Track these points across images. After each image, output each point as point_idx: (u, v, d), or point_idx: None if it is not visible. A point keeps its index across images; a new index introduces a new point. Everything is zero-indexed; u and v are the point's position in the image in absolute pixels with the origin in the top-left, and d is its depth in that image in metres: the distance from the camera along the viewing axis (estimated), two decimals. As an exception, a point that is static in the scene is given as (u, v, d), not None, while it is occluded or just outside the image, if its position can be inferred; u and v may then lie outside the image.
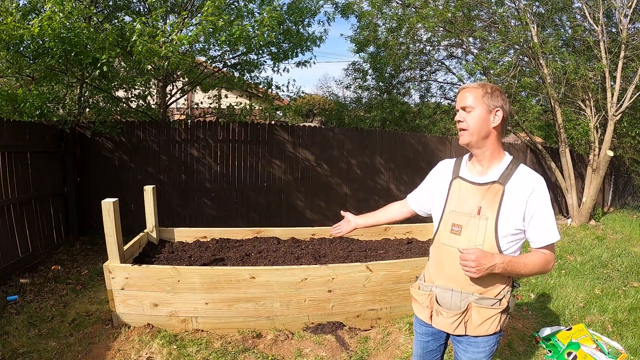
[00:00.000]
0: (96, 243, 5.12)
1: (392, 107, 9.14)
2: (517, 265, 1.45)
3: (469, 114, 1.52)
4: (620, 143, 9.28)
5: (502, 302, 1.53)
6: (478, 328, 1.53)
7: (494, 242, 1.48)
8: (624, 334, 3.28)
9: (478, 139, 1.52)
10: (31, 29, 4.06)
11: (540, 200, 1.47)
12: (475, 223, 1.51)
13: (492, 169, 1.55)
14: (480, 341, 1.56)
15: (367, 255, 3.74)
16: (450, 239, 1.57)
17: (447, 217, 1.60)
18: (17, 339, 2.79)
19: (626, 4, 7.25)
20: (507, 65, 7.65)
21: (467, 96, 1.52)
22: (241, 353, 2.70)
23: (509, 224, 1.47)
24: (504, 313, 1.54)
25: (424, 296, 1.67)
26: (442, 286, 1.60)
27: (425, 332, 1.73)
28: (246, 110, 6.36)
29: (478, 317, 1.52)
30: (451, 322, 1.56)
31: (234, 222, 6.03)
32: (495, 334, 1.55)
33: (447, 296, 1.58)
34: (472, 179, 1.58)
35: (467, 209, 1.54)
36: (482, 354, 1.57)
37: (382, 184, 7.01)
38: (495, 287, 1.52)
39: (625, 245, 6.30)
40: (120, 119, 5.90)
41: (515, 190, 1.48)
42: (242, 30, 4.76)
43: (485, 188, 1.53)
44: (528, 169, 1.54)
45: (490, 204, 1.50)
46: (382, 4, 8.43)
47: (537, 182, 1.49)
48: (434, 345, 1.73)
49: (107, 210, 2.81)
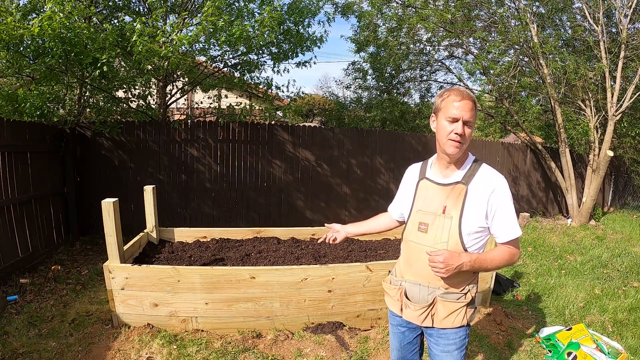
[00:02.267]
0: (96, 243, 5.12)
1: (392, 107, 9.14)
2: (483, 262, 1.53)
3: (468, 129, 1.53)
4: (620, 143, 9.28)
5: (466, 296, 1.60)
6: (444, 320, 1.60)
7: (458, 240, 1.54)
8: (624, 334, 3.28)
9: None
10: (31, 29, 4.06)
11: (501, 199, 1.53)
12: (440, 222, 1.58)
13: (456, 170, 1.61)
14: (449, 333, 1.62)
15: (367, 255, 3.74)
16: (417, 236, 1.64)
17: (414, 215, 1.68)
18: (17, 339, 2.79)
19: (626, 4, 7.25)
20: (507, 65, 7.65)
21: (469, 109, 1.51)
22: (241, 353, 2.70)
23: (472, 222, 1.54)
24: (469, 307, 1.61)
25: (395, 290, 1.76)
26: (410, 281, 1.69)
27: (399, 323, 1.80)
28: (246, 110, 6.36)
29: (443, 310, 1.60)
30: (418, 315, 1.64)
31: (234, 222, 6.03)
32: (463, 327, 1.62)
33: (415, 290, 1.67)
34: (438, 180, 1.65)
35: (433, 208, 1.61)
36: (452, 345, 1.63)
37: (382, 184, 7.01)
38: (460, 283, 1.60)
39: (625, 245, 6.30)
40: (121, 119, 5.90)
41: (477, 190, 1.55)
42: (242, 30, 4.76)
43: (449, 188, 1.60)
44: (490, 169, 1.60)
45: (454, 203, 1.57)
46: (382, 4, 8.42)
47: (498, 181, 1.55)
48: (410, 336, 1.79)
49: (107, 210, 2.81)
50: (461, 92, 1.53)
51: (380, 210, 2.07)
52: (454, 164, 1.61)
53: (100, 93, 5.50)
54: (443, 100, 1.55)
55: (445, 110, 1.53)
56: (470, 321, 1.64)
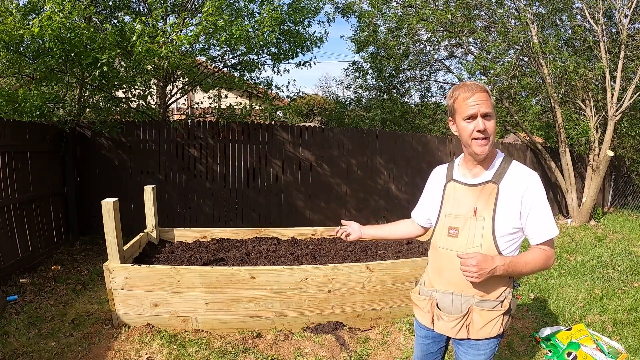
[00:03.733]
0: (96, 243, 5.12)
1: (392, 107, 9.15)
2: (518, 265, 1.43)
3: (490, 122, 1.43)
4: (620, 143, 9.29)
5: (503, 303, 1.50)
6: (480, 331, 1.50)
7: (492, 243, 1.45)
8: (624, 334, 3.28)
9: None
10: (31, 29, 4.06)
11: (535, 196, 1.44)
12: (472, 224, 1.49)
13: (485, 169, 1.53)
14: (481, 344, 1.53)
15: (367, 255, 3.74)
16: (447, 242, 1.54)
17: (443, 220, 1.58)
18: (17, 339, 2.79)
19: (626, 4, 7.26)
20: (507, 65, 7.65)
21: (483, 101, 1.42)
22: (241, 353, 2.70)
23: (506, 223, 1.45)
24: (506, 315, 1.51)
25: (425, 301, 1.65)
26: (442, 290, 1.58)
27: (425, 336, 1.71)
28: (246, 110, 6.36)
29: (480, 320, 1.50)
30: (453, 326, 1.54)
31: (234, 222, 6.03)
32: (497, 337, 1.52)
33: (448, 300, 1.56)
34: (466, 180, 1.56)
35: (463, 211, 1.52)
36: (482, 356, 1.54)
37: (382, 184, 7.01)
38: (496, 289, 1.50)
39: (625, 245, 6.30)
40: (120, 119, 5.91)
41: (509, 188, 1.46)
42: (242, 30, 4.76)
43: (479, 189, 1.50)
44: (521, 166, 1.51)
45: (485, 204, 1.47)
46: (382, 4, 8.43)
47: (531, 178, 1.46)
48: (434, 347, 1.72)
49: (107, 210, 2.81)
50: (469, 86, 1.45)
51: (380, 210, 2.06)
52: (483, 163, 1.51)
53: (100, 93, 5.50)
54: (455, 101, 1.47)
55: (460, 111, 1.45)
56: (506, 329, 1.54)
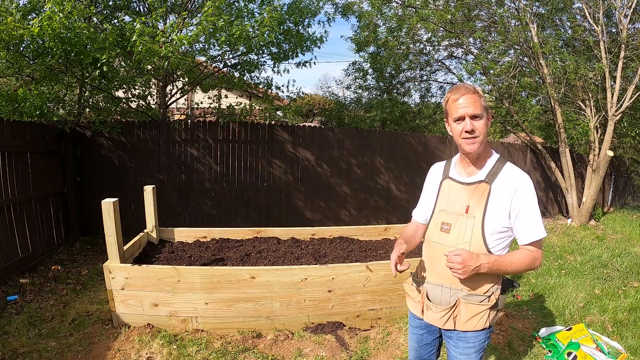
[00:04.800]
0: (96, 243, 5.12)
1: (392, 107, 9.14)
2: (502, 264, 1.49)
3: (478, 122, 1.50)
4: (620, 143, 9.28)
5: (490, 298, 1.57)
6: (466, 323, 1.57)
7: (481, 240, 1.51)
8: (624, 334, 3.28)
9: (483, 145, 1.54)
10: (31, 29, 4.06)
11: (525, 198, 1.49)
12: (463, 221, 1.55)
13: (479, 168, 1.59)
14: (469, 336, 1.59)
15: (367, 255, 3.74)
16: (440, 237, 1.62)
17: (437, 215, 1.65)
18: (17, 339, 2.79)
19: (626, 4, 7.25)
20: (507, 66, 7.65)
21: (471, 103, 1.48)
22: (241, 353, 2.70)
23: (495, 222, 1.51)
24: (492, 309, 1.58)
25: (416, 291, 1.74)
26: (433, 282, 1.66)
27: (419, 325, 1.78)
28: (246, 110, 6.36)
29: (466, 312, 1.56)
30: (440, 317, 1.61)
31: (233, 222, 6.03)
32: (484, 330, 1.58)
33: (437, 292, 1.64)
34: (461, 179, 1.63)
35: (456, 208, 1.59)
36: (472, 349, 1.60)
37: (382, 184, 7.01)
38: (483, 285, 1.56)
39: (625, 245, 6.29)
40: (120, 119, 5.91)
41: (500, 189, 1.52)
42: (242, 30, 4.76)
43: (472, 187, 1.57)
44: (514, 167, 1.56)
45: (477, 202, 1.54)
46: (382, 5, 8.42)
47: (522, 181, 1.51)
48: (429, 338, 1.77)
49: (107, 210, 2.81)
50: (459, 88, 1.52)
51: (380, 210, 2.06)
52: (477, 162, 1.58)
53: (100, 93, 5.49)
54: (446, 103, 1.56)
55: (450, 112, 1.54)
56: (493, 324, 1.61)
